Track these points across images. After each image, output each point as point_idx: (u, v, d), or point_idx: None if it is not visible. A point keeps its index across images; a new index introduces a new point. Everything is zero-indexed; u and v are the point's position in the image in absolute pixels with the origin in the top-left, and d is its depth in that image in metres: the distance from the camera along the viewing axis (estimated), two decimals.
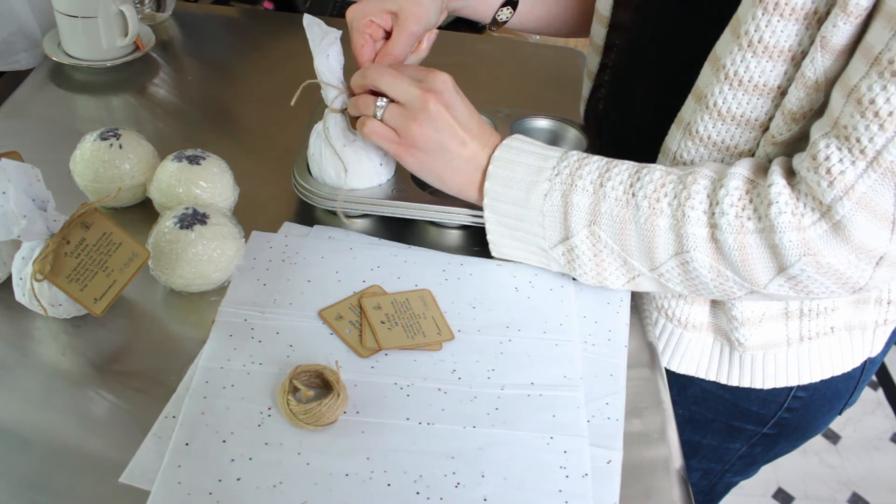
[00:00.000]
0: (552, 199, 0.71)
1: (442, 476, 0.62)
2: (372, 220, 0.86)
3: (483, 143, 0.74)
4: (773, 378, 0.82)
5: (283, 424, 0.64)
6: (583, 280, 0.75)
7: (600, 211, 0.70)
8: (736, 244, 0.65)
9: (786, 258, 0.63)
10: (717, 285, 0.69)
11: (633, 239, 0.69)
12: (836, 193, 0.60)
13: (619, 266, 0.72)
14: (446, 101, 0.72)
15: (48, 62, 1.05)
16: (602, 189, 0.69)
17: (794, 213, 0.62)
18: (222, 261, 0.74)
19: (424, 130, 0.73)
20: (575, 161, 0.71)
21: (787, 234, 0.62)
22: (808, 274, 0.64)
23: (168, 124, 0.99)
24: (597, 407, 0.69)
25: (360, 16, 0.77)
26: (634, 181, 0.69)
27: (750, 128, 0.69)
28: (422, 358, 0.72)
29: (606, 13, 0.87)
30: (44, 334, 0.71)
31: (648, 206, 0.68)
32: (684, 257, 0.68)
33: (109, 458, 0.61)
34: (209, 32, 1.22)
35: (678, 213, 0.67)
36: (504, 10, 0.91)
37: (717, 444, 0.94)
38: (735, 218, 0.64)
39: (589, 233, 0.71)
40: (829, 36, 0.60)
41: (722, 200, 0.65)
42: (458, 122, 0.73)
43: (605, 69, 0.91)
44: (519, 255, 0.77)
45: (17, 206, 0.64)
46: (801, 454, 2.00)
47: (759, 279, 0.66)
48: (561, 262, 0.75)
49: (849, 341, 0.82)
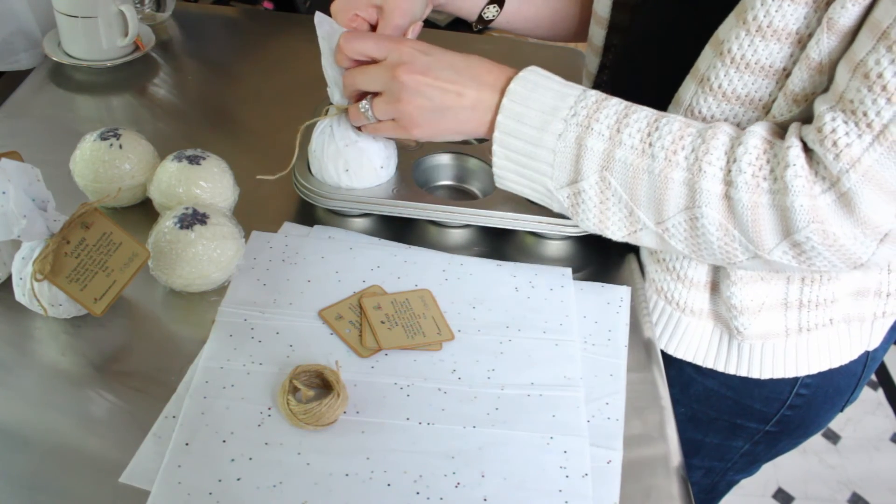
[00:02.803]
0: (566, 140, 0.69)
1: (442, 476, 0.62)
2: (372, 220, 0.86)
3: (482, 82, 0.72)
4: (772, 369, 0.83)
5: (283, 424, 0.64)
6: (582, 225, 0.73)
7: (614, 157, 0.68)
8: (749, 202, 0.64)
9: (794, 222, 0.63)
10: (721, 245, 0.68)
11: (644, 189, 0.68)
12: (843, 166, 0.60)
13: (625, 216, 0.70)
14: (418, 68, 0.71)
15: (48, 62, 1.05)
16: (619, 135, 0.67)
17: (808, 178, 0.62)
18: (222, 261, 0.74)
19: (414, 105, 0.72)
20: (593, 102, 0.69)
21: (800, 198, 0.62)
22: (813, 243, 0.63)
23: (168, 124, 0.99)
24: (597, 407, 0.69)
25: (345, 9, 0.77)
26: (653, 130, 0.67)
27: (753, 108, 0.69)
28: (422, 358, 0.72)
29: (605, 14, 0.87)
30: (44, 334, 0.71)
31: (665, 157, 0.66)
32: (694, 212, 0.66)
33: (109, 458, 0.61)
34: (209, 32, 1.22)
35: (694, 167, 0.65)
36: (490, 7, 0.91)
37: (720, 442, 0.94)
38: (752, 177, 0.64)
39: (599, 178, 0.69)
40: (836, 17, 0.61)
41: (740, 158, 0.64)
42: (442, 79, 0.71)
43: (604, 70, 0.91)
44: (523, 190, 0.74)
45: (17, 206, 0.64)
46: (802, 454, 2.00)
47: (765, 242, 0.65)
48: (564, 205, 0.72)
49: (847, 333, 0.82)
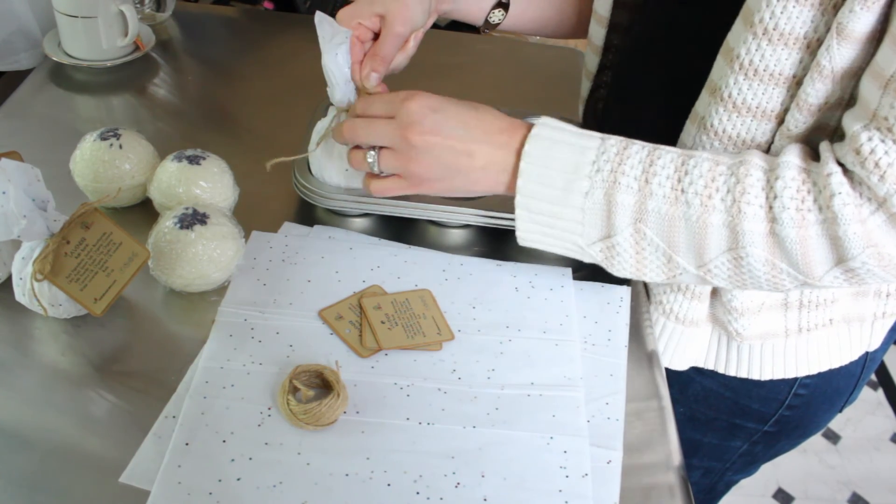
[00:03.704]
0: (594, 198, 0.67)
1: (442, 476, 0.62)
2: (372, 220, 0.86)
3: (494, 143, 0.70)
4: (771, 369, 0.82)
5: (283, 424, 0.64)
6: (618, 274, 0.71)
7: (647, 209, 0.66)
8: (798, 238, 0.62)
9: (848, 250, 0.61)
10: (769, 279, 0.66)
11: (682, 237, 0.66)
12: (890, 188, 0.59)
13: (663, 263, 0.69)
14: (428, 127, 0.70)
15: (48, 62, 1.05)
16: (648, 186, 0.66)
17: (856, 204, 0.60)
18: (222, 261, 0.74)
19: (423, 164, 0.71)
20: (615, 154, 0.67)
21: (852, 226, 0.60)
22: (869, 267, 0.62)
23: (168, 124, 0.99)
24: (597, 407, 0.69)
25: (348, 18, 0.78)
26: (682, 175, 0.65)
27: (766, 119, 0.68)
28: (422, 358, 0.72)
29: (605, 14, 0.87)
30: (44, 334, 0.71)
31: (700, 203, 0.64)
32: (738, 253, 0.65)
33: (109, 458, 0.61)
34: (209, 32, 1.22)
35: (733, 209, 0.64)
36: (496, 12, 0.92)
37: (718, 442, 0.94)
38: (796, 211, 0.62)
39: (634, 231, 0.67)
40: (845, 22, 0.59)
41: (781, 194, 0.62)
42: (454, 139, 0.70)
43: (604, 69, 0.91)
44: (550, 247, 0.73)
45: (17, 206, 0.64)
46: (801, 454, 2.00)
47: (815, 271, 0.64)
48: (597, 258, 0.71)
49: (847, 334, 0.82)
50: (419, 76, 1.12)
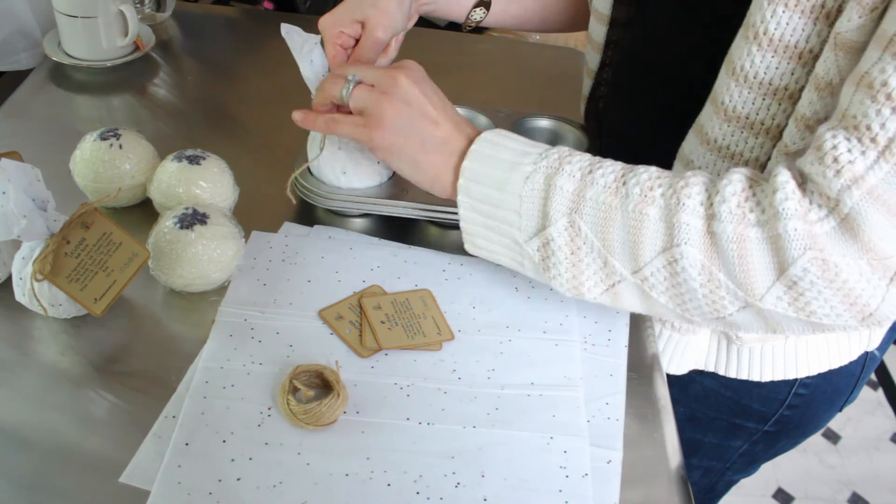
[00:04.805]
0: (534, 182, 0.66)
1: (442, 476, 0.62)
2: (372, 220, 0.86)
3: (458, 127, 0.71)
4: (772, 371, 0.83)
5: (283, 424, 0.64)
6: (558, 287, 0.69)
7: (585, 197, 0.64)
8: (735, 235, 0.59)
9: (788, 251, 0.58)
10: (706, 293, 0.63)
11: (617, 230, 0.64)
12: (844, 182, 0.55)
13: (599, 268, 0.66)
14: (416, 77, 0.71)
15: (48, 62, 1.05)
16: (591, 175, 0.65)
17: (800, 202, 0.57)
18: (222, 261, 0.74)
19: (394, 106, 0.70)
20: (567, 152, 0.67)
21: (792, 221, 0.57)
22: (812, 277, 0.58)
23: (168, 124, 0.99)
24: (597, 407, 0.69)
25: (329, 26, 0.79)
26: (627, 172, 0.64)
27: (755, 133, 0.67)
28: (422, 358, 0.72)
29: (606, 11, 0.87)
30: (44, 334, 0.71)
31: (640, 192, 0.63)
32: (673, 253, 0.62)
33: (109, 458, 0.61)
34: (209, 32, 1.22)
35: (672, 200, 0.62)
36: (477, 10, 0.93)
37: (718, 442, 0.94)
38: (737, 207, 0.59)
39: (568, 222, 0.65)
40: (843, 31, 0.58)
41: (723, 189, 0.60)
42: (430, 100, 0.70)
43: (605, 67, 0.91)
44: (492, 247, 0.71)
45: (17, 206, 0.64)
46: (801, 454, 2.00)
47: (755, 284, 0.60)
48: (535, 260, 0.69)
49: (846, 334, 0.82)
50: None
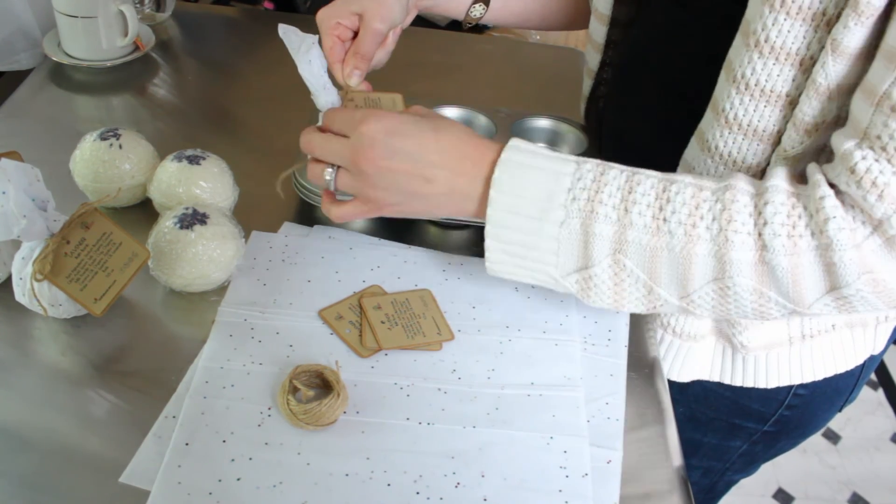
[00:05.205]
0: (570, 228, 0.63)
1: (442, 476, 0.62)
2: (372, 220, 0.86)
3: (457, 170, 0.66)
4: (777, 377, 0.82)
5: (283, 424, 0.64)
6: (594, 304, 0.67)
7: (626, 239, 0.62)
8: (790, 266, 0.59)
9: (842, 277, 0.59)
10: (755, 308, 0.63)
11: (664, 268, 0.63)
12: (888, 207, 0.56)
13: (643, 295, 0.65)
14: (379, 154, 0.65)
15: (48, 62, 1.05)
16: (628, 216, 0.62)
17: (851, 228, 0.58)
18: (222, 261, 0.74)
19: (379, 189, 0.67)
20: (592, 182, 0.63)
21: (848, 252, 0.57)
22: (863, 294, 0.59)
23: (168, 124, 0.99)
24: (597, 407, 0.69)
25: (327, 18, 0.78)
26: (664, 203, 0.62)
27: (758, 140, 0.66)
28: (422, 358, 0.72)
29: (606, 11, 0.87)
30: (44, 334, 0.71)
31: (684, 232, 0.61)
32: (724, 283, 0.62)
33: (109, 458, 0.61)
34: (209, 32, 1.22)
35: (719, 238, 0.60)
36: (476, 6, 0.92)
37: (718, 442, 0.94)
38: (788, 238, 0.59)
39: (613, 261, 0.64)
40: (840, 38, 0.58)
41: (771, 220, 0.59)
42: (408, 165, 0.66)
43: (605, 66, 0.91)
44: (521, 278, 0.69)
45: (17, 206, 0.64)
46: (802, 454, 2.00)
47: (805, 299, 0.61)
48: (572, 290, 0.67)
49: (850, 338, 0.82)
50: (419, 76, 1.12)
